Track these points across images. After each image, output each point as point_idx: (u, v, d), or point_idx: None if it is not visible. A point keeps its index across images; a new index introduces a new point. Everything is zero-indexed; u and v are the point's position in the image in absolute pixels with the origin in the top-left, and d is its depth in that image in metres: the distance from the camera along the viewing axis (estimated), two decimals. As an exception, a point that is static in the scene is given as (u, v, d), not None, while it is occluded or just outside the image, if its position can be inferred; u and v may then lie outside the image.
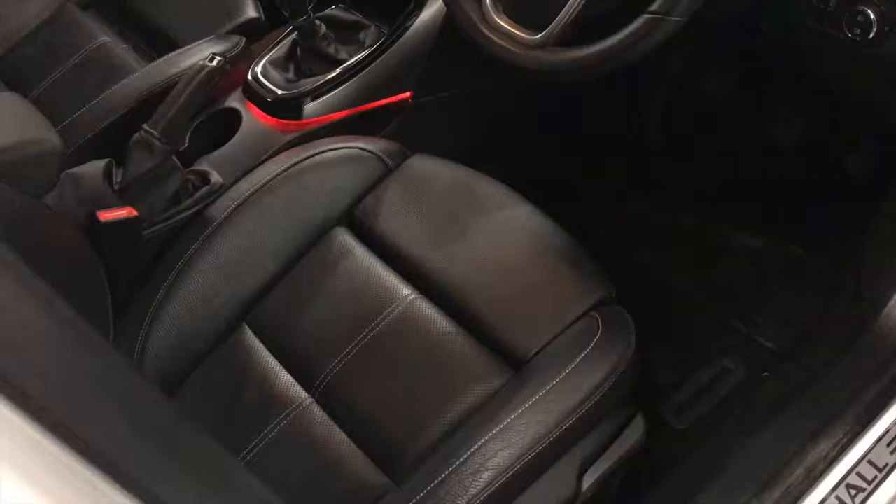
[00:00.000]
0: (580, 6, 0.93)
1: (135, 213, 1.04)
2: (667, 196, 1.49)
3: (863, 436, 0.89)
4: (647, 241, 1.44)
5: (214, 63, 1.09)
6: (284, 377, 0.99)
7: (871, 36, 0.90)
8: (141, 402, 0.57)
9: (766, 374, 1.22)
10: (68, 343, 0.53)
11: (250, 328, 1.04)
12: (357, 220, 1.11)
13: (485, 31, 1.01)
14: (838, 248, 1.28)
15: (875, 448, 0.89)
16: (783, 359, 1.22)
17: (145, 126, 1.07)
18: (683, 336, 1.32)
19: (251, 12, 1.39)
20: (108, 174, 1.07)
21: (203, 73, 1.08)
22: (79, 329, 0.56)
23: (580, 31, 0.95)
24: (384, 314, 1.00)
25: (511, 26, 1.00)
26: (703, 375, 1.27)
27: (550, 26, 0.95)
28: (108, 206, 1.03)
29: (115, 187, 1.07)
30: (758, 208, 1.44)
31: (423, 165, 1.14)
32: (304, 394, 0.97)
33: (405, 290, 1.01)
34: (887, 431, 0.90)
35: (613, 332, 0.94)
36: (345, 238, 1.08)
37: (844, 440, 0.90)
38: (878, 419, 0.90)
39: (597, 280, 1.00)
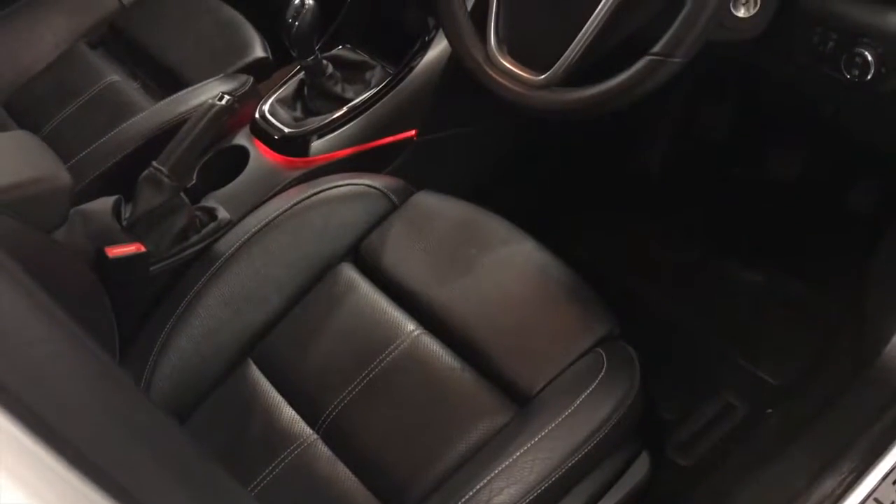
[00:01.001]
0: (583, 47, 0.95)
1: (143, 248, 1.05)
2: (668, 231, 1.50)
3: (868, 473, 0.89)
4: (649, 276, 1.44)
5: (223, 102, 1.11)
6: (289, 413, 0.99)
7: (869, 77, 0.92)
8: (156, 430, 0.58)
9: (769, 410, 1.22)
10: (94, 378, 0.53)
11: (255, 363, 1.04)
12: (362, 256, 1.12)
13: (490, 71, 1.03)
14: (840, 283, 1.28)
15: (881, 486, 0.89)
16: (786, 395, 1.22)
17: (154, 163, 1.09)
18: (686, 371, 1.32)
19: (259, 52, 1.41)
20: (116, 211, 1.08)
21: (212, 111, 1.10)
22: (101, 362, 0.56)
23: (583, 72, 0.97)
24: (389, 350, 1.00)
25: (515, 67, 1.01)
26: (706, 411, 1.27)
27: (554, 67, 0.97)
28: (116, 242, 1.04)
29: (124, 223, 1.08)
30: (759, 243, 1.45)
31: (428, 202, 1.15)
32: (308, 430, 0.97)
33: (410, 326, 1.02)
34: (893, 469, 0.89)
35: (618, 369, 0.94)
36: (350, 273, 1.09)
37: (850, 478, 0.90)
38: (884, 457, 0.90)
39: (601, 316, 1.01)
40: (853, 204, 1.42)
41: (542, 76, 0.98)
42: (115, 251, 1.02)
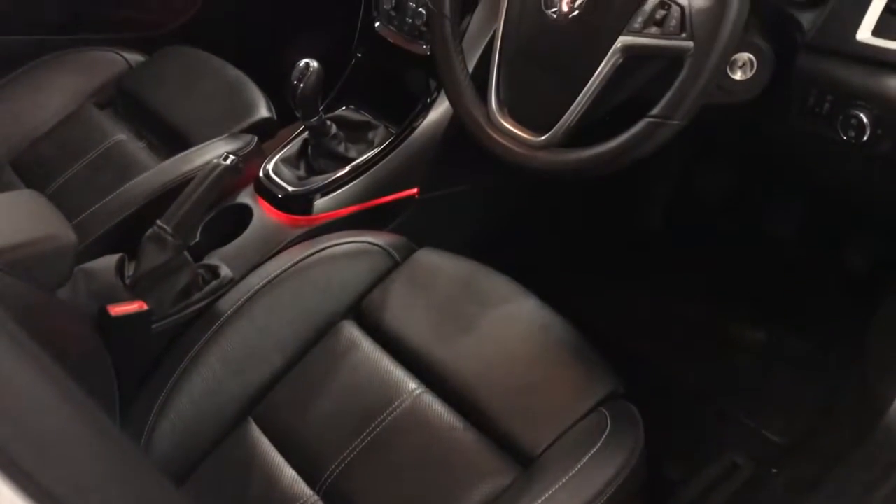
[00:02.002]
0: (583, 110, 0.96)
1: (145, 307, 1.05)
2: (669, 289, 1.50)
3: (875, 535, 0.88)
4: (651, 334, 1.44)
5: (228, 161, 1.12)
6: (289, 474, 0.98)
7: (865, 139, 0.93)
8: (155, 493, 0.57)
9: (774, 470, 1.20)
10: (95, 442, 0.53)
11: (256, 423, 1.04)
12: (364, 314, 1.12)
13: (490, 132, 1.05)
14: (842, 340, 1.28)
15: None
16: (791, 454, 1.21)
17: (158, 222, 1.09)
18: (689, 430, 1.31)
19: (264, 112, 1.43)
20: (120, 269, 1.09)
21: (217, 170, 1.11)
22: (102, 425, 0.56)
23: (583, 133, 0.98)
24: (391, 409, 1.00)
25: (516, 128, 1.03)
26: (710, 471, 1.26)
27: (554, 128, 0.98)
28: (119, 301, 1.04)
29: (127, 282, 1.08)
30: (760, 300, 1.45)
31: (430, 259, 1.16)
32: (308, 490, 0.96)
33: (412, 385, 1.01)
34: (900, 531, 0.88)
35: (622, 429, 0.93)
36: (352, 331, 1.09)
37: (857, 540, 0.88)
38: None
39: (604, 375, 1.00)
40: (852, 264, 1.42)
41: (543, 137, 1.00)
42: (118, 309, 1.02)
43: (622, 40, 0.93)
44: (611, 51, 0.93)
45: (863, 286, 1.34)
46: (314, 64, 1.22)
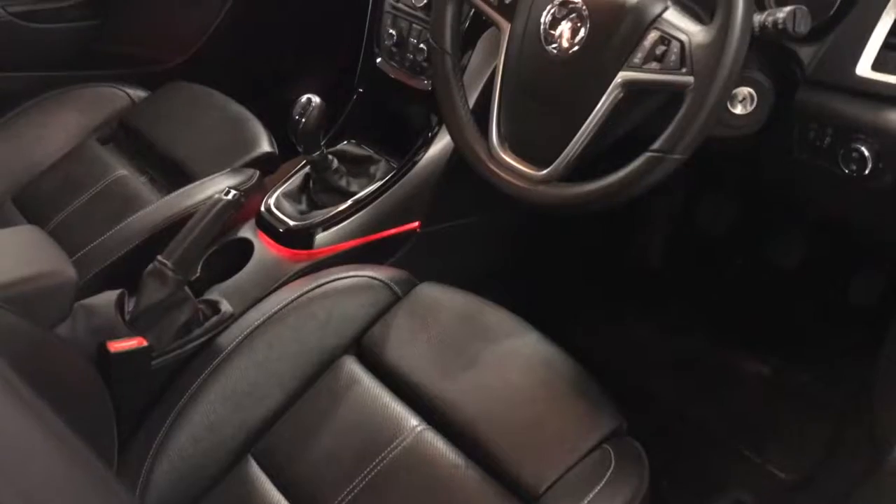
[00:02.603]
0: (583, 144, 0.96)
1: (145, 343, 1.05)
2: (671, 322, 1.50)
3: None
4: (654, 368, 1.43)
5: (230, 196, 1.12)
6: (289, 513, 0.97)
7: (866, 172, 0.93)
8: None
9: (780, 508, 1.19)
10: (90, 494, 0.52)
11: (255, 460, 1.02)
12: (365, 349, 1.11)
13: (492, 166, 1.05)
14: (848, 374, 1.27)
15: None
16: (796, 490, 1.20)
17: (159, 257, 1.09)
18: (694, 466, 1.30)
19: (266, 147, 1.43)
20: (120, 305, 1.08)
21: (219, 205, 1.10)
22: (98, 474, 0.55)
23: (584, 167, 0.98)
24: (392, 446, 0.99)
25: (517, 162, 1.03)
26: (717, 508, 1.24)
27: (555, 163, 0.98)
28: (118, 337, 1.03)
29: (127, 318, 1.07)
30: (764, 333, 1.44)
31: (431, 293, 1.15)
32: (309, 530, 0.95)
33: (413, 421, 1.00)
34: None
35: (626, 466, 0.92)
36: (353, 367, 1.08)
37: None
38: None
39: (608, 411, 0.99)
40: (856, 295, 1.42)
41: (544, 171, 1.00)
42: (117, 346, 1.01)
43: (622, 75, 0.93)
44: (611, 85, 0.94)
45: (868, 318, 1.33)
46: (316, 99, 1.22)
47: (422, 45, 1.34)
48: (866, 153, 0.93)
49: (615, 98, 0.94)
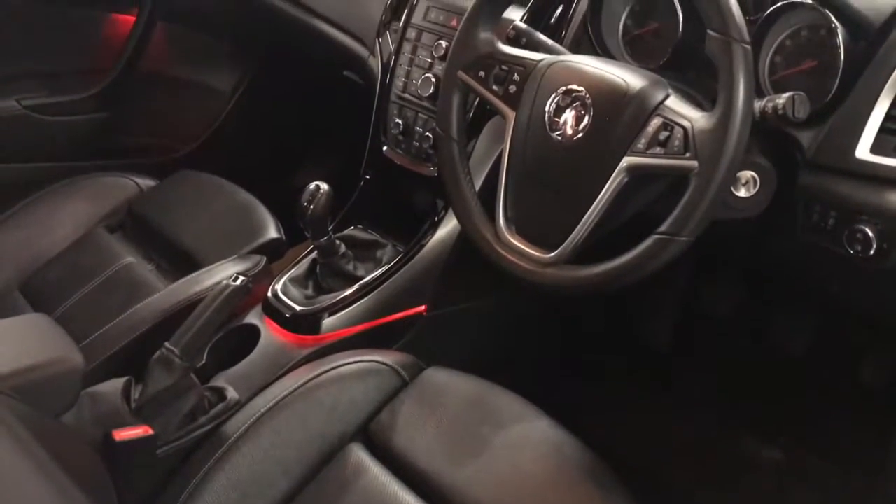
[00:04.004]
0: (590, 227, 0.97)
1: (150, 431, 1.03)
2: (681, 405, 1.48)
3: None
4: (665, 453, 1.41)
5: (238, 282, 1.12)
6: None
7: (871, 253, 0.94)
8: None
9: None
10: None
11: (260, 552, 1.00)
12: (372, 436, 1.09)
13: (499, 249, 1.06)
14: (861, 456, 1.25)
15: None
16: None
17: (167, 344, 1.08)
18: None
19: (273, 233, 1.44)
20: (126, 392, 1.07)
21: (226, 292, 1.11)
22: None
23: (591, 250, 0.99)
24: (401, 539, 0.96)
25: (524, 245, 1.04)
26: None
27: (562, 246, 0.99)
28: (124, 425, 1.02)
29: (133, 405, 1.06)
30: (775, 416, 1.43)
31: (439, 378, 1.14)
32: None
33: (423, 511, 0.98)
34: None
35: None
36: (359, 455, 1.06)
37: None
38: None
39: (620, 498, 0.97)
40: (867, 377, 1.40)
41: (551, 254, 1.00)
42: (123, 434, 1.00)
43: (627, 160, 0.95)
44: (616, 170, 0.95)
45: (880, 399, 1.32)
46: (324, 186, 1.24)
47: (427, 133, 1.36)
48: (870, 234, 0.94)
49: (620, 182, 0.96)
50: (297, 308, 1.28)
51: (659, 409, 1.48)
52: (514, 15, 1.25)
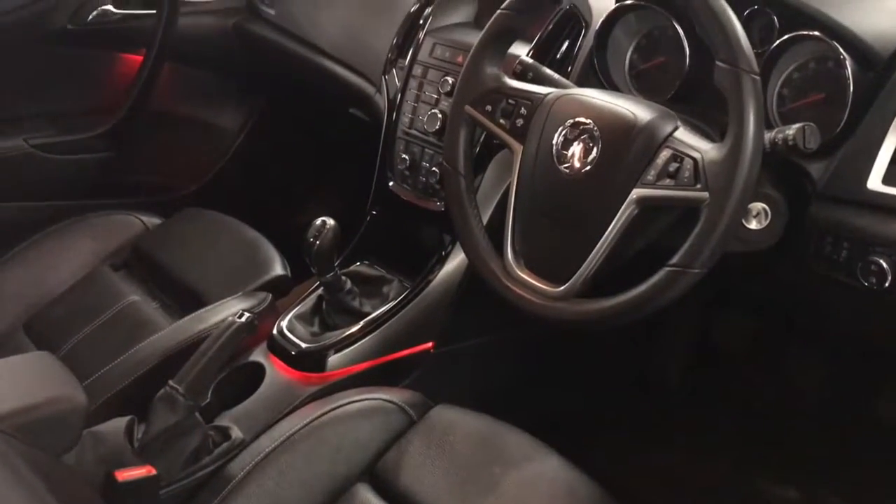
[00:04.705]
0: (600, 261, 0.96)
1: (153, 471, 1.01)
2: (693, 442, 1.45)
3: None
4: (678, 493, 1.38)
5: (243, 319, 1.11)
6: None
7: (886, 284, 0.92)
8: None
9: None
10: None
11: None
12: (379, 476, 1.07)
13: (508, 283, 1.04)
14: (881, 495, 1.22)
15: None
16: None
17: (171, 382, 1.07)
18: None
19: (278, 270, 1.44)
20: (129, 432, 1.06)
21: (232, 329, 1.10)
22: None
23: (601, 284, 0.98)
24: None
25: (533, 279, 1.02)
26: None
27: (572, 280, 0.98)
28: (126, 465, 1.00)
29: (136, 445, 1.05)
30: (790, 455, 1.40)
31: (447, 416, 1.12)
32: None
33: (431, 554, 0.96)
34: None
35: None
36: (366, 496, 1.04)
37: None
38: None
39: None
40: (885, 413, 1.38)
41: (560, 288, 0.99)
42: (125, 475, 0.98)
43: (636, 192, 0.94)
44: (625, 203, 0.94)
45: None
46: (330, 222, 1.24)
47: (434, 169, 1.36)
48: (885, 266, 0.92)
49: (630, 215, 0.95)
50: (303, 345, 1.27)
51: (670, 447, 1.45)
52: (521, 51, 1.25)
